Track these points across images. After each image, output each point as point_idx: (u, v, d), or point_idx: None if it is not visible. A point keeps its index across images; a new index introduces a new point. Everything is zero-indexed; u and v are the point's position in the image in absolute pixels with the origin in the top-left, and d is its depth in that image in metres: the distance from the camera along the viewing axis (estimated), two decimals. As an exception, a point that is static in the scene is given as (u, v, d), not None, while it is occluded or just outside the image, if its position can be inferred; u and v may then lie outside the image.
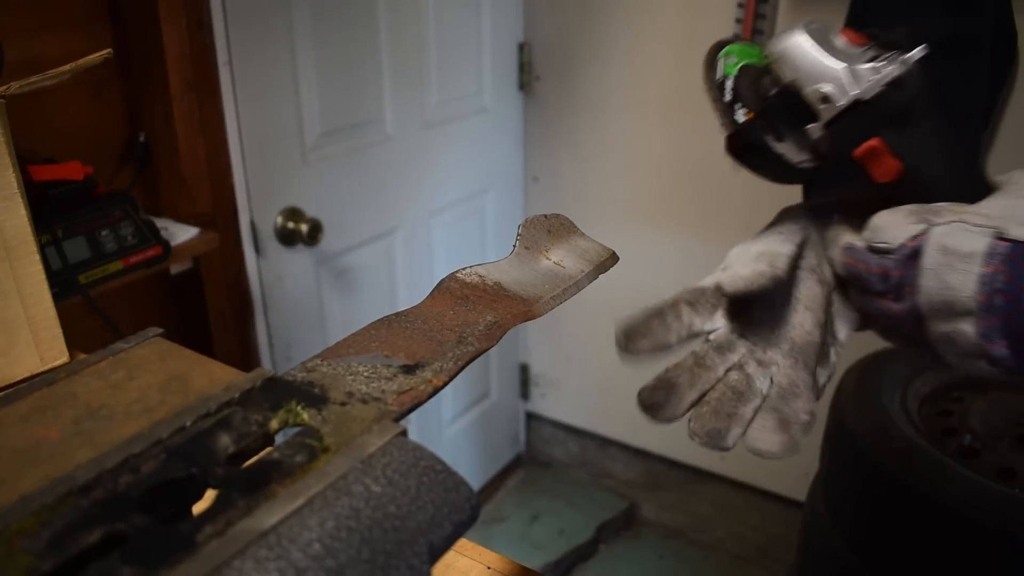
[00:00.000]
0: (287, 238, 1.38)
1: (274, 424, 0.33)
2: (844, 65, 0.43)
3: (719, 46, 0.52)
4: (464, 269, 0.46)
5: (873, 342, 0.55)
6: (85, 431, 0.32)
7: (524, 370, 2.22)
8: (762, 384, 0.46)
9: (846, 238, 0.46)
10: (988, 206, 0.42)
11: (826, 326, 0.47)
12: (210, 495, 0.29)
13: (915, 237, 0.41)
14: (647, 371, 0.45)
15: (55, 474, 0.29)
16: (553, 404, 2.23)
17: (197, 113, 1.18)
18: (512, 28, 1.83)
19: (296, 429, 0.32)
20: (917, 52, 0.43)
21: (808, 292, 0.47)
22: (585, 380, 2.12)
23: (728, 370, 0.46)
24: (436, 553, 0.28)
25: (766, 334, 0.47)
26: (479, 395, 2.08)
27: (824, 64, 0.44)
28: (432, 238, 1.76)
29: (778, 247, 0.48)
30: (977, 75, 0.49)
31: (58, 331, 0.61)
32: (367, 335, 0.39)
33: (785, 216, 0.51)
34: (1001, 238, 0.40)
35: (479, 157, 1.84)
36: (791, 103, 0.46)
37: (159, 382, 0.36)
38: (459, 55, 1.69)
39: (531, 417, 2.29)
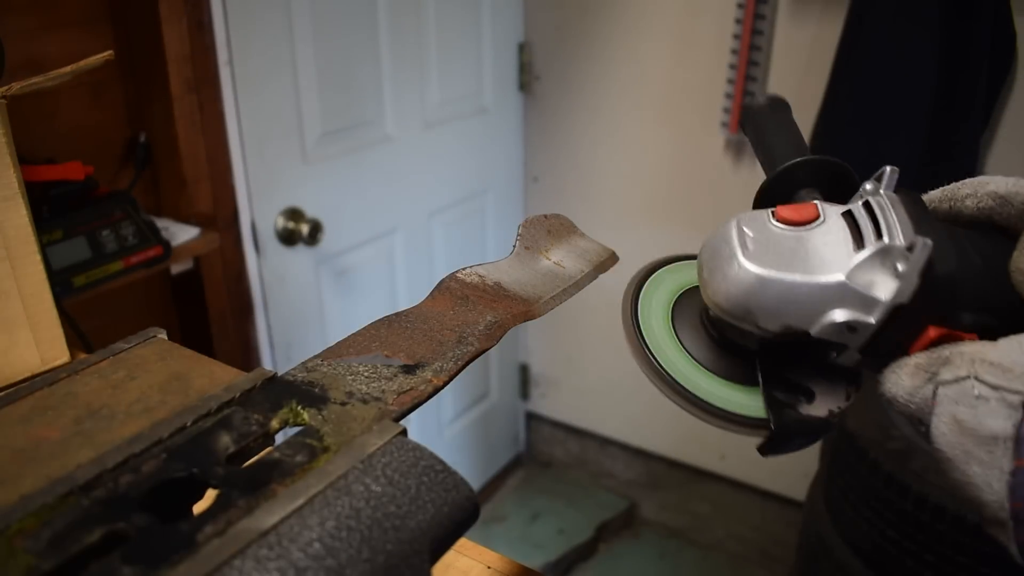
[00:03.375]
0: (287, 238, 1.38)
1: (274, 424, 0.33)
2: (840, 278, 0.32)
3: (639, 284, 0.42)
4: (464, 269, 0.46)
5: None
6: (85, 431, 0.32)
7: (524, 370, 2.22)
8: None
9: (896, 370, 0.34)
10: (1011, 348, 0.29)
11: None
12: (210, 495, 0.29)
13: (926, 400, 0.31)
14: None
15: (56, 474, 0.29)
16: (553, 404, 2.23)
17: (197, 113, 1.18)
18: (512, 28, 1.83)
19: (296, 429, 0.33)
20: (924, 248, 0.31)
21: None
22: (585, 380, 2.12)
23: None
24: (436, 553, 0.28)
25: None
26: (479, 395, 2.08)
27: (820, 285, 0.33)
28: (432, 238, 1.76)
29: None
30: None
31: (59, 331, 0.61)
32: (367, 335, 0.39)
33: None
34: None
35: (479, 157, 1.84)
36: (781, 347, 0.35)
37: (159, 382, 0.36)
38: (459, 55, 1.69)
39: (531, 417, 2.29)
